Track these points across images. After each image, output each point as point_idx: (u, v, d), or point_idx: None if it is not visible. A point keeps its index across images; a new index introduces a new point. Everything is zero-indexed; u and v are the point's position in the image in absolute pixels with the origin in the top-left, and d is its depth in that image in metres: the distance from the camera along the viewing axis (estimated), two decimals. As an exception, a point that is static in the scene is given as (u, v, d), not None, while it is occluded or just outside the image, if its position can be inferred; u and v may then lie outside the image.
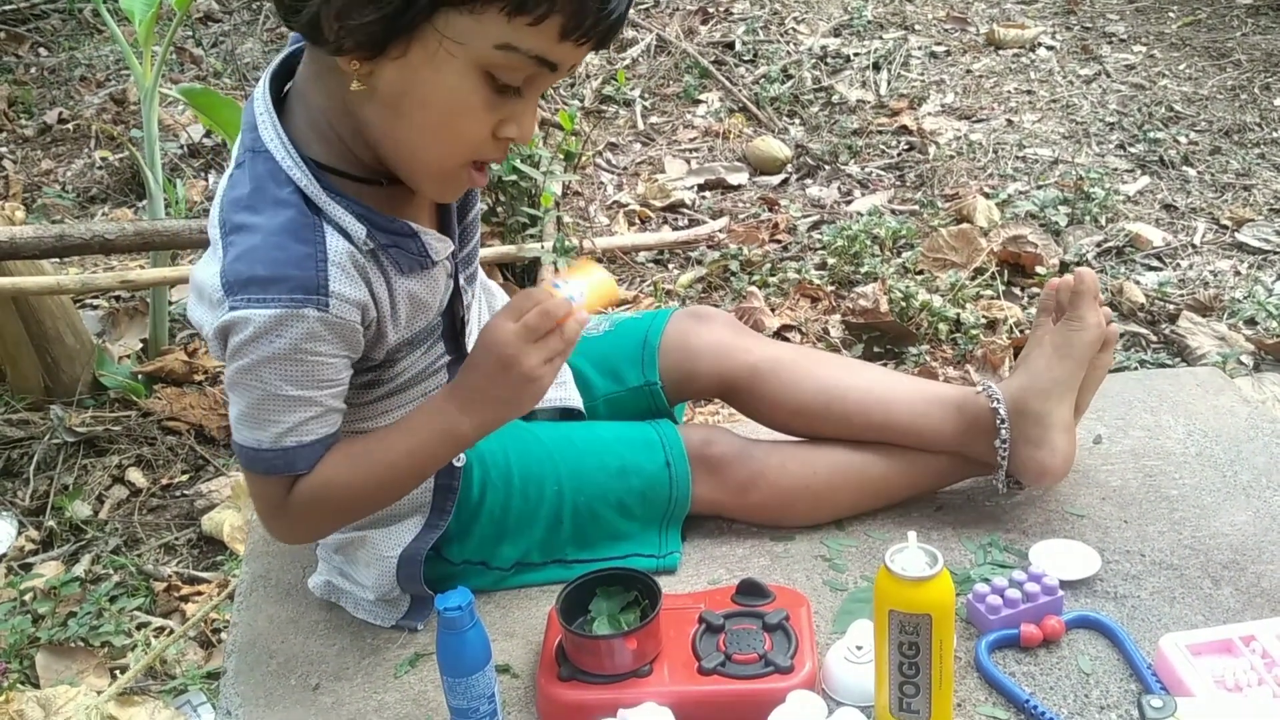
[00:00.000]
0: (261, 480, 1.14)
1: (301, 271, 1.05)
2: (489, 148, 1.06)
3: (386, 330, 1.16)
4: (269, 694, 1.26)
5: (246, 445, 1.11)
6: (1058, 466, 1.36)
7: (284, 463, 1.11)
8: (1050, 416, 1.35)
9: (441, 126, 1.03)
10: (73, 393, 2.55)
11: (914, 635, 1.04)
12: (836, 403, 1.42)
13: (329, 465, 1.14)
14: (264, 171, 1.08)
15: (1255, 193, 3.17)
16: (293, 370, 1.07)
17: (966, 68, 4.02)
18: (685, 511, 1.39)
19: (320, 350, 1.07)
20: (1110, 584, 1.30)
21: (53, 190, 3.59)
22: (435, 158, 1.07)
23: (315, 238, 1.06)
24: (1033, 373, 1.37)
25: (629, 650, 1.16)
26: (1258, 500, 1.41)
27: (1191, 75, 3.90)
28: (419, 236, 1.15)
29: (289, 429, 1.10)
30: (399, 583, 1.30)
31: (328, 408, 1.12)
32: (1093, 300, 1.36)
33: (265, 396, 1.08)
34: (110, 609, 2.06)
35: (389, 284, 1.14)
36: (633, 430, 1.40)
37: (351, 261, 1.08)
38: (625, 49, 4.21)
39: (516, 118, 1.04)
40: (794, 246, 3.05)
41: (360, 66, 1.00)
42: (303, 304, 1.04)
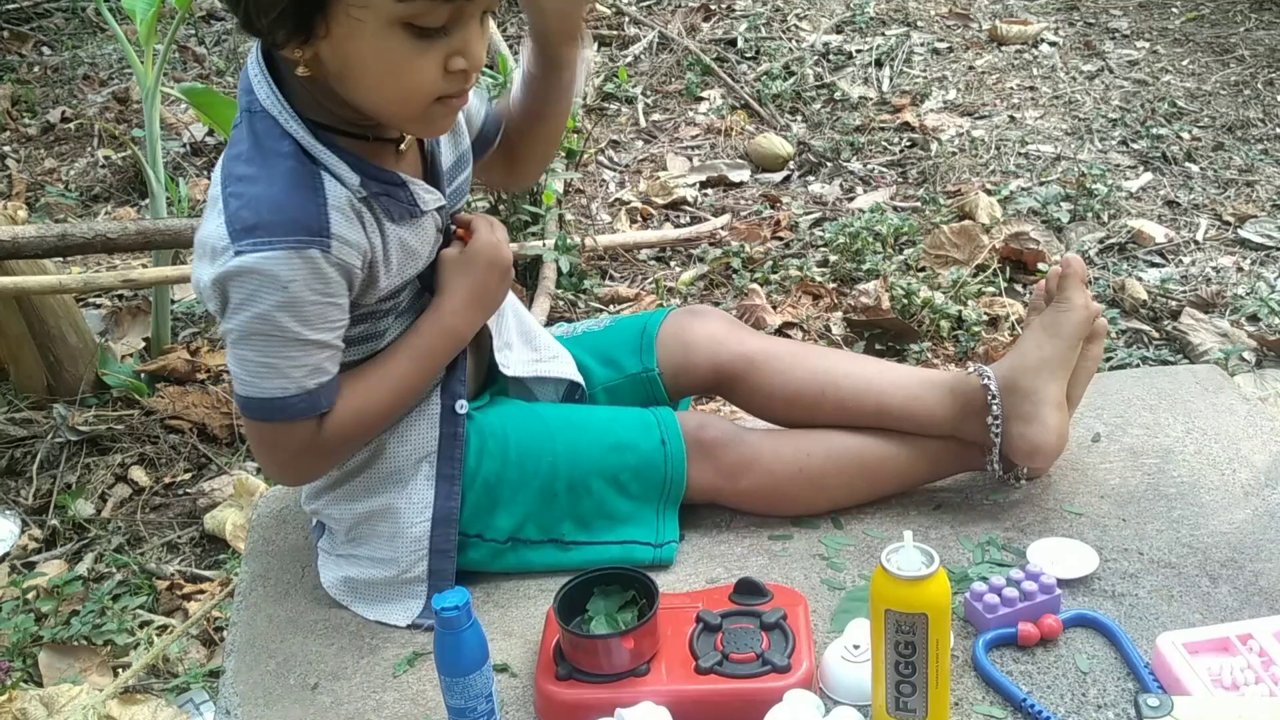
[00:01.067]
0: (286, 427, 1.19)
1: (305, 215, 1.12)
2: (446, 84, 1.11)
3: (379, 275, 1.21)
4: (268, 693, 1.27)
5: (271, 396, 1.16)
6: (1050, 443, 1.36)
7: (309, 404, 1.18)
8: (1041, 393, 1.36)
9: (387, 83, 1.10)
10: (75, 392, 2.56)
11: (910, 635, 1.04)
12: (830, 389, 1.43)
13: (357, 396, 1.22)
14: (261, 129, 1.14)
15: (1258, 188, 3.16)
16: (305, 313, 1.13)
17: (969, 64, 4.02)
18: (681, 492, 1.39)
19: (328, 291, 1.14)
20: (1108, 582, 1.30)
21: (56, 189, 3.59)
22: (398, 109, 1.14)
23: (315, 184, 1.13)
24: (1022, 352, 1.39)
25: (626, 650, 1.16)
26: (1256, 499, 1.41)
27: (1194, 71, 3.89)
28: (408, 186, 1.22)
29: (311, 370, 1.16)
30: (431, 553, 1.32)
31: (338, 348, 1.19)
32: (1080, 283, 1.39)
33: (284, 343, 1.14)
34: (113, 608, 2.07)
35: (382, 231, 1.20)
36: (629, 412, 1.42)
37: (350, 206, 1.15)
38: (627, 46, 4.21)
39: (460, 50, 1.10)
40: (796, 244, 3.05)
41: (301, 53, 1.09)
42: (308, 245, 1.11)
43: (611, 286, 2.91)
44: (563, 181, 3.21)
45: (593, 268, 2.98)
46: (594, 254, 2.98)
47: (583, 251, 2.91)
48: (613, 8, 4.43)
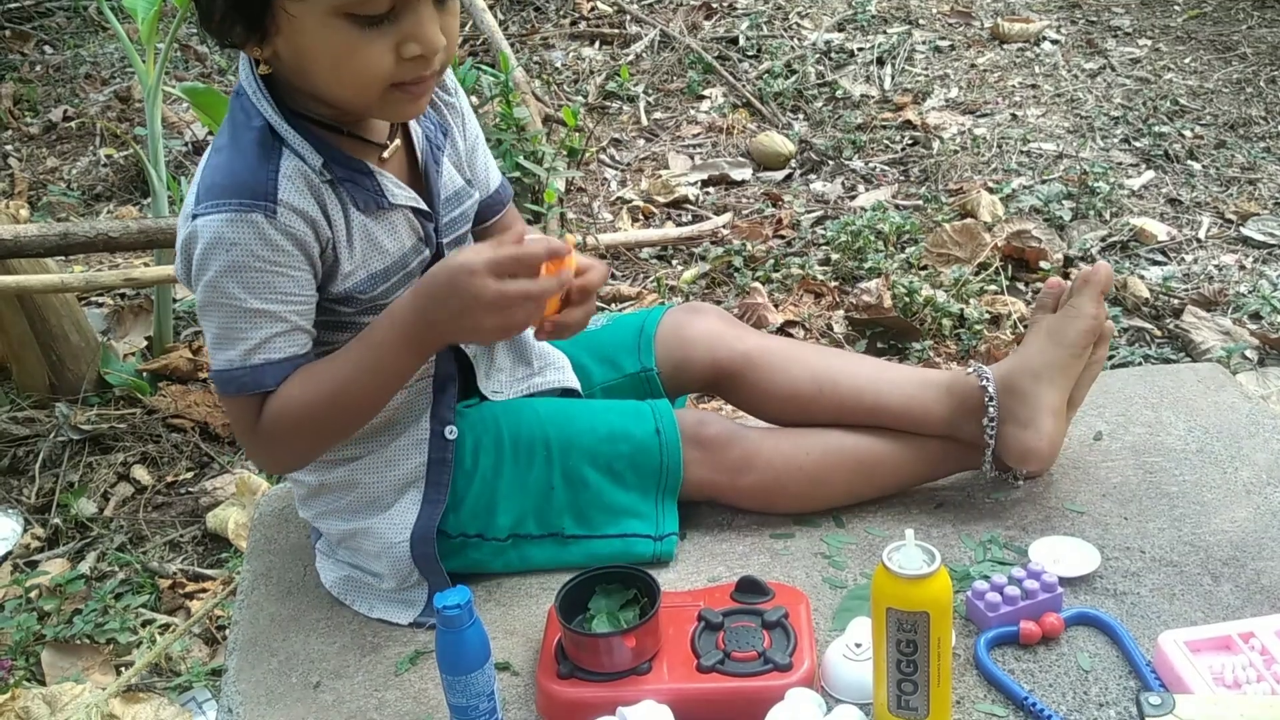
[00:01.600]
0: (235, 402, 1.19)
1: (253, 180, 1.13)
2: (401, 70, 1.11)
3: (342, 258, 1.20)
4: (270, 692, 1.27)
5: (219, 367, 1.17)
6: (1043, 450, 1.36)
7: (253, 380, 1.17)
8: (1039, 398, 1.36)
9: (340, 72, 1.11)
10: (78, 390, 2.57)
11: (912, 633, 1.04)
12: (828, 387, 1.43)
13: (292, 383, 1.19)
14: (238, 108, 1.18)
15: (1260, 186, 3.16)
16: (249, 279, 1.13)
17: (971, 62, 4.01)
18: (678, 481, 1.39)
19: (276, 260, 1.14)
20: (1110, 581, 1.30)
21: (58, 188, 3.60)
22: (354, 95, 1.13)
23: (271, 155, 1.15)
24: (1024, 355, 1.39)
25: (628, 648, 1.16)
26: (1258, 497, 1.41)
27: (1197, 69, 3.88)
28: (375, 176, 1.22)
29: (256, 345, 1.16)
30: (417, 568, 1.31)
31: (293, 325, 1.18)
32: (1098, 293, 1.37)
33: (232, 312, 1.14)
34: (115, 606, 2.07)
35: (346, 215, 1.20)
36: (625, 404, 1.42)
37: (304, 179, 1.16)
38: (629, 45, 4.21)
39: (411, 35, 1.09)
40: (797, 242, 3.05)
41: (260, 51, 1.12)
42: (250, 209, 1.12)
43: (613, 285, 2.91)
44: (564, 180, 3.21)
45: (594, 266, 2.97)
46: (596, 252, 2.98)
47: (585, 250, 2.91)
48: (614, 6, 4.43)
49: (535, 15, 4.51)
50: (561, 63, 4.15)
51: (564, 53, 4.21)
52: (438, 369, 1.34)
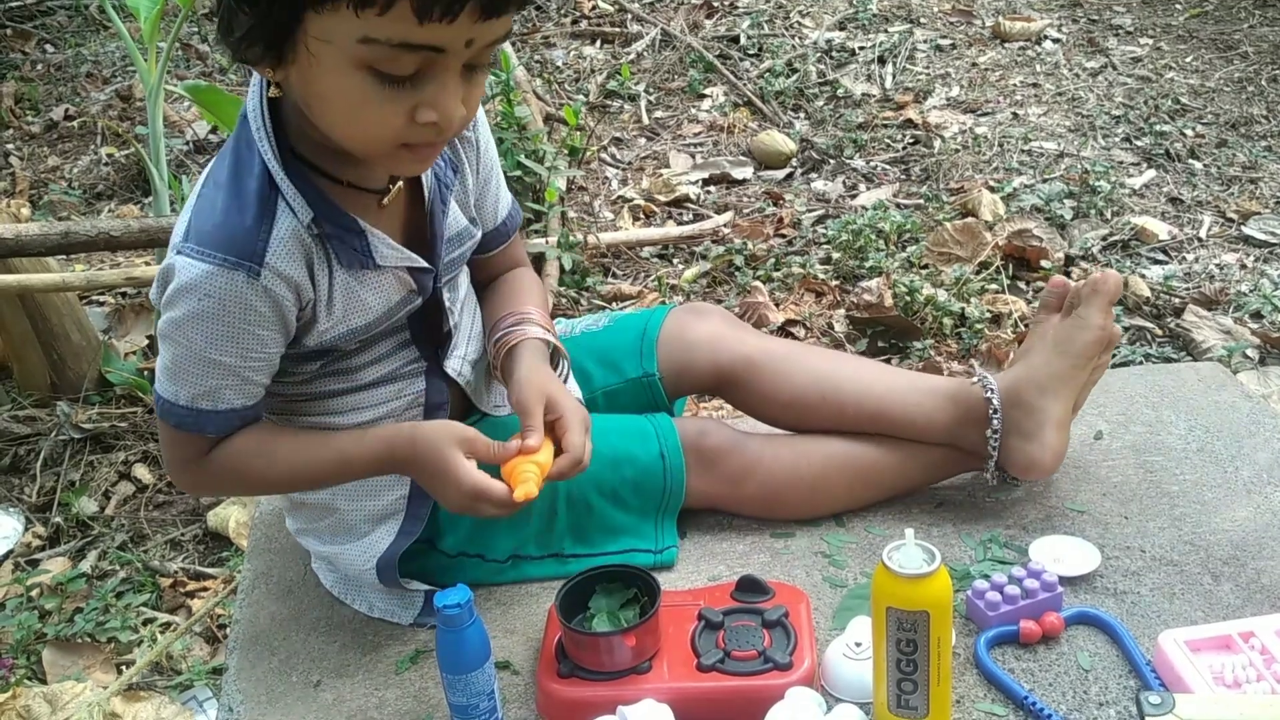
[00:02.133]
0: (171, 432, 1.18)
1: (244, 237, 1.09)
2: (412, 133, 1.05)
3: (320, 316, 1.18)
4: (270, 691, 1.27)
5: (164, 396, 1.16)
6: (1046, 461, 1.35)
7: (193, 423, 1.16)
8: (1044, 411, 1.35)
9: (349, 119, 1.05)
10: (79, 389, 2.57)
11: (912, 632, 1.04)
12: (830, 393, 1.42)
13: (247, 443, 1.19)
14: (243, 138, 1.13)
15: (1262, 185, 3.16)
16: (218, 332, 1.11)
17: (972, 61, 4.01)
18: (680, 503, 1.39)
19: (246, 319, 1.11)
20: (1110, 580, 1.30)
21: (59, 187, 3.60)
22: (359, 147, 1.08)
23: (269, 210, 1.11)
24: (1031, 366, 1.37)
25: (628, 647, 1.16)
26: (1259, 496, 1.41)
27: (1198, 67, 3.88)
28: (366, 236, 1.17)
29: (204, 392, 1.14)
30: (384, 585, 1.32)
31: (248, 380, 1.16)
32: (1106, 303, 1.35)
33: (189, 355, 1.12)
34: (116, 605, 2.07)
35: (330, 272, 1.17)
36: (627, 422, 1.40)
37: (298, 241, 1.12)
38: (630, 43, 4.20)
39: (430, 103, 1.02)
40: (798, 241, 3.05)
41: (273, 74, 1.06)
42: (235, 267, 1.08)
43: (614, 284, 2.91)
44: (565, 179, 3.21)
45: (595, 265, 2.98)
46: (597, 251, 2.98)
47: (585, 249, 2.91)
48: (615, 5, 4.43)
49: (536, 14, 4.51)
50: (563, 62, 4.15)
51: (565, 52, 4.21)
52: (428, 397, 1.32)
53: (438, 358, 1.32)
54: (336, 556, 1.33)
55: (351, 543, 1.32)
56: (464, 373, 1.36)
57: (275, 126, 1.12)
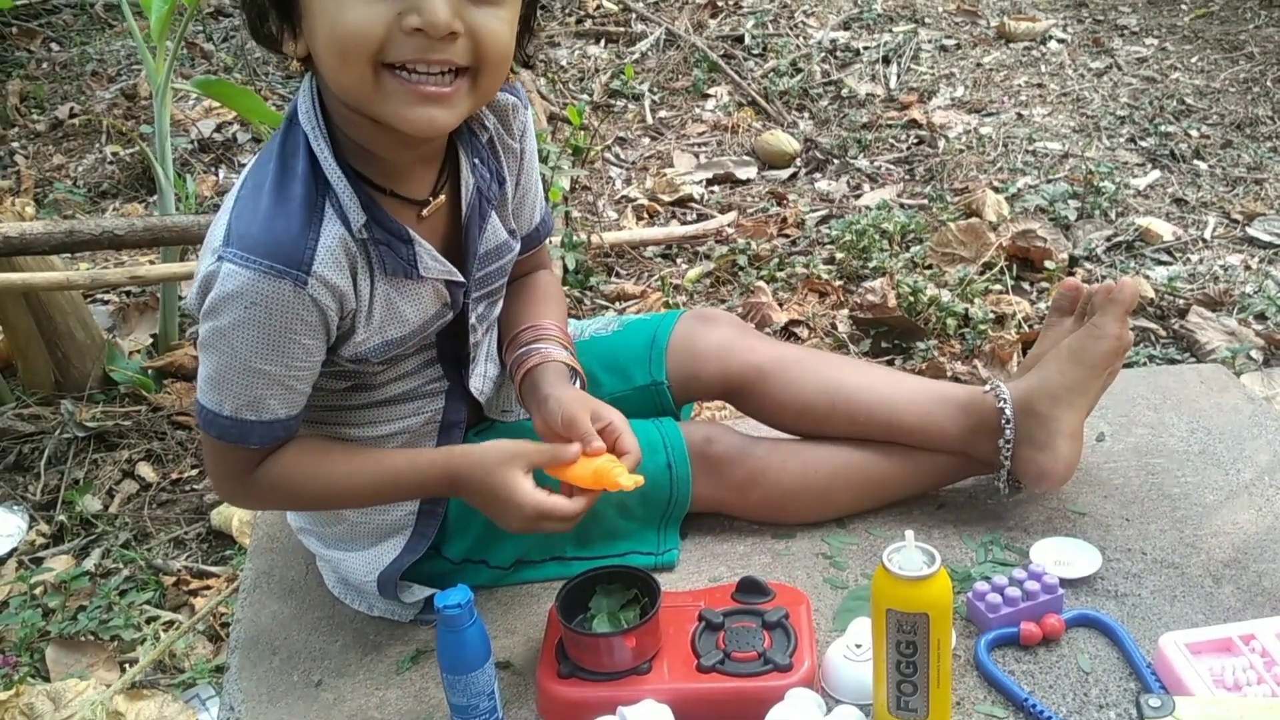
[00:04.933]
0: (214, 444, 1.17)
1: (292, 245, 1.08)
2: (397, 45, 1.03)
3: (359, 326, 1.17)
4: (271, 690, 1.27)
5: (207, 407, 1.14)
6: (1058, 472, 1.35)
7: (238, 433, 1.14)
8: (1058, 421, 1.34)
9: (333, 43, 1.04)
10: (83, 388, 2.57)
11: (911, 634, 1.04)
12: (841, 402, 1.41)
13: (300, 459, 1.19)
14: (291, 142, 1.13)
15: (1266, 186, 3.15)
16: (263, 340, 1.09)
17: (976, 61, 4.01)
18: (684, 511, 1.39)
19: (292, 327, 1.10)
20: (1111, 582, 1.30)
21: (64, 185, 3.60)
22: (347, 76, 1.05)
23: (316, 217, 1.10)
24: (1044, 375, 1.36)
25: (628, 648, 1.16)
26: (1260, 498, 1.41)
27: (1203, 68, 3.87)
28: (414, 245, 1.17)
29: (249, 403, 1.13)
30: (383, 598, 1.32)
31: (291, 389, 1.15)
32: (1122, 312, 1.34)
33: (234, 365, 1.11)
34: (120, 603, 2.08)
35: (372, 281, 1.16)
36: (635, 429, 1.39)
37: (344, 249, 1.12)
38: (634, 43, 4.20)
39: (415, 6, 1.01)
40: (802, 241, 3.05)
41: (296, 47, 1.09)
42: (281, 275, 1.07)
43: (618, 283, 2.91)
44: (569, 179, 3.21)
45: (599, 265, 2.98)
46: (600, 251, 2.98)
47: (589, 248, 2.91)
48: (620, 4, 4.43)
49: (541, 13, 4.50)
50: (567, 61, 4.15)
51: (569, 51, 4.21)
52: (445, 415, 1.32)
53: (460, 378, 1.32)
54: (339, 562, 1.33)
55: (356, 552, 1.32)
56: (485, 390, 1.37)
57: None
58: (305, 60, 1.11)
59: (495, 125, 1.28)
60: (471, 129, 1.25)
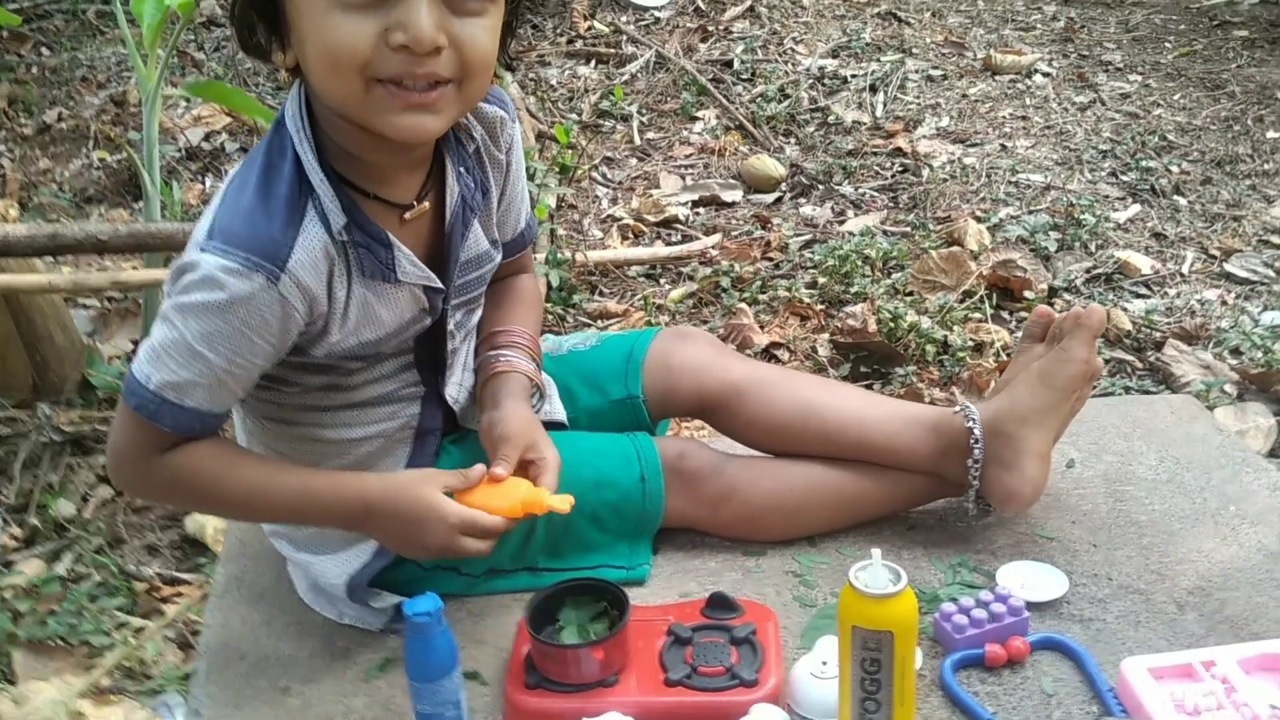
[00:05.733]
0: (127, 415, 1.16)
1: (271, 242, 1.10)
2: (385, 61, 1.05)
3: (332, 328, 1.18)
4: (238, 695, 1.27)
5: (135, 375, 1.14)
6: (1026, 493, 1.36)
7: (152, 410, 1.13)
8: (1025, 442, 1.36)
9: (322, 58, 1.06)
10: (61, 392, 2.56)
11: (876, 652, 1.05)
12: (814, 420, 1.43)
13: (213, 455, 1.18)
14: (277, 142, 1.15)
15: (1245, 224, 3.19)
16: (216, 327, 1.09)
17: (962, 92, 4.05)
18: (656, 526, 1.40)
19: (249, 323, 1.10)
20: (1077, 606, 1.31)
21: (49, 189, 3.60)
22: (337, 89, 1.08)
23: (298, 218, 1.12)
24: (1013, 397, 1.38)
25: (596, 660, 1.17)
26: (1225, 528, 1.43)
27: (1186, 105, 3.92)
28: (393, 249, 1.18)
29: (175, 384, 1.12)
30: (352, 604, 1.32)
31: (223, 384, 1.14)
32: (1090, 337, 1.36)
33: (178, 342, 1.11)
34: (90, 608, 2.06)
35: (349, 284, 1.17)
36: (609, 443, 1.40)
37: (323, 251, 1.13)
38: (624, 64, 4.23)
39: (399, 23, 1.03)
40: (785, 265, 3.07)
41: (284, 57, 1.12)
42: (256, 268, 1.09)
43: (601, 302, 2.92)
44: (555, 196, 3.22)
45: (583, 283, 2.99)
46: (584, 269, 2.99)
47: (573, 266, 2.92)
48: (611, 26, 4.46)
49: (532, 33, 4.53)
50: (557, 80, 4.17)
51: (559, 71, 4.23)
52: (421, 421, 1.33)
53: (437, 384, 1.33)
54: (309, 566, 1.33)
55: (325, 556, 1.32)
56: (460, 399, 1.37)
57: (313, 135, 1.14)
58: (294, 69, 1.13)
59: (483, 136, 1.30)
60: (459, 139, 1.27)
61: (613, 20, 4.48)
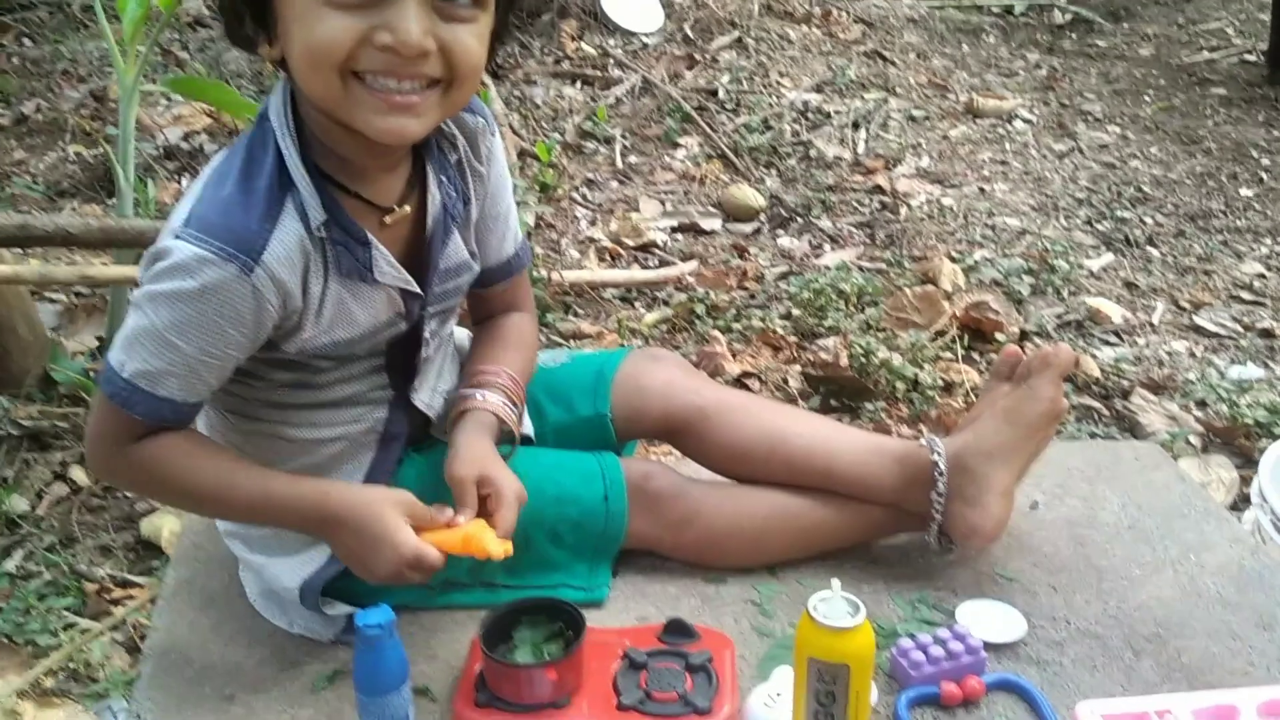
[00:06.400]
0: (103, 403, 1.15)
1: (247, 233, 1.09)
2: (368, 57, 1.05)
3: (306, 324, 1.17)
4: (181, 700, 1.25)
5: (111, 363, 1.13)
6: (987, 528, 1.37)
7: (125, 398, 1.13)
8: (989, 478, 1.36)
9: (305, 53, 1.07)
10: (21, 385, 2.52)
11: (831, 684, 1.04)
12: (780, 447, 1.43)
13: (183, 447, 1.17)
14: (259, 136, 1.15)
15: (1215, 278, 3.22)
16: (188, 316, 1.09)
17: (944, 133, 4.08)
18: (617, 547, 1.39)
19: (221, 313, 1.10)
20: (1034, 649, 1.31)
21: (23, 181, 3.56)
22: (316, 82, 1.08)
23: (275, 211, 1.11)
24: (979, 433, 1.39)
25: (549, 680, 1.15)
26: (1184, 576, 1.43)
27: (1162, 159, 3.97)
28: (370, 248, 1.18)
29: (148, 371, 1.12)
30: (305, 608, 1.30)
31: (195, 373, 1.13)
32: (1057, 376, 1.38)
33: (149, 330, 1.10)
34: (38, 607, 2.03)
35: (325, 281, 1.17)
36: (575, 459, 1.40)
37: (299, 247, 1.13)
38: (609, 87, 4.24)
39: (386, 25, 1.04)
40: (760, 295, 3.07)
41: (271, 50, 1.11)
42: (230, 258, 1.08)
43: (575, 322, 2.91)
44: (534, 215, 3.22)
45: (558, 302, 2.98)
46: (560, 289, 2.98)
47: (549, 285, 2.91)
48: (598, 49, 4.47)
49: (519, 51, 4.54)
50: (541, 100, 4.18)
51: (545, 90, 4.24)
52: (387, 426, 1.32)
53: (405, 390, 1.32)
54: (262, 568, 1.31)
55: (281, 557, 1.30)
56: (434, 405, 1.36)
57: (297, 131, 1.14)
58: (280, 63, 1.13)
59: (465, 146, 1.29)
60: (442, 147, 1.26)
61: (600, 43, 4.50)
